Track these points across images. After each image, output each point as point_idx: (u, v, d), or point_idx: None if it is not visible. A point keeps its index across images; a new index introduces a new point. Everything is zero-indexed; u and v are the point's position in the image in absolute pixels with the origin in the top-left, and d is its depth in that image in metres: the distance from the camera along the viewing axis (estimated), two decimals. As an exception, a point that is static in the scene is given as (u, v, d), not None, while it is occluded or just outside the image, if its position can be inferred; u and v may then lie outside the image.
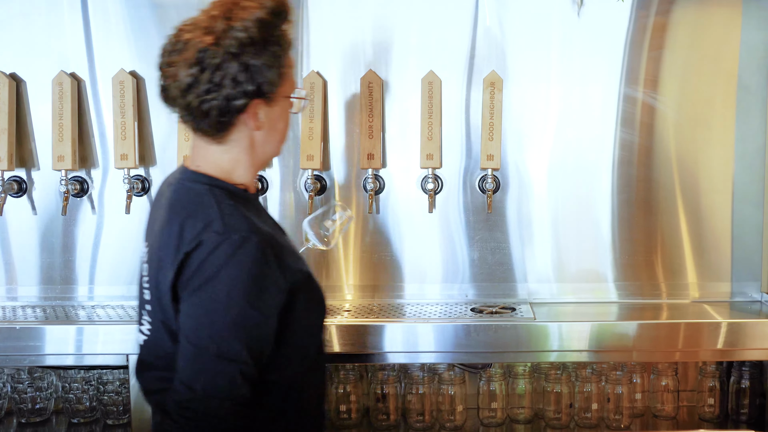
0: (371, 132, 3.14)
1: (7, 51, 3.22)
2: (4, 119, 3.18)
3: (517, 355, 2.94)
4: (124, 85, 3.18)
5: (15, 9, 3.21)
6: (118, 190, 3.22)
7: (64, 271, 3.27)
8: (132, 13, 3.19)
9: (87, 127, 3.23)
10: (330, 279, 3.27)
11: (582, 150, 3.21)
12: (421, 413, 3.06)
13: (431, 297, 3.24)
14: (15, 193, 3.23)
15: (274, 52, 1.93)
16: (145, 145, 3.23)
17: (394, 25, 3.18)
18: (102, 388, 3.12)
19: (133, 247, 3.23)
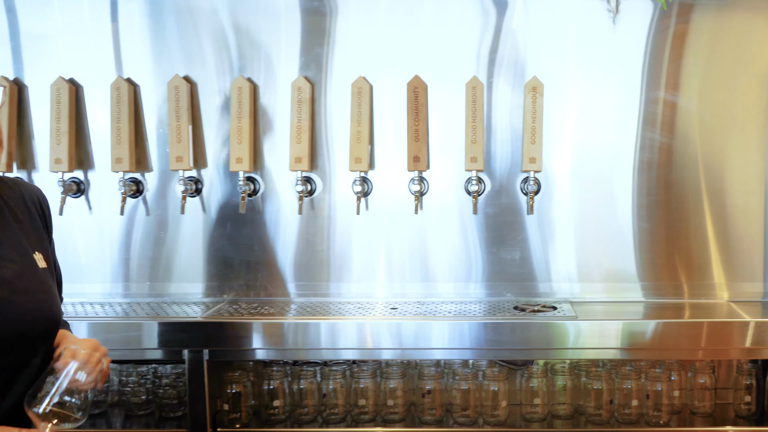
0: (417, 135, 3.25)
1: (66, 57, 3.34)
2: (65, 123, 3.30)
3: (559, 352, 3.05)
4: (179, 89, 3.30)
5: (74, 17, 3.34)
6: (172, 191, 3.36)
7: (120, 269, 3.40)
8: (185, 20, 3.32)
9: (143, 131, 3.36)
10: (374, 277, 3.40)
11: (607, 151, 3.33)
12: (465, 408, 3.16)
13: (474, 295, 3.37)
14: (74, 193, 3.35)
15: None
16: (199, 147, 3.35)
17: (434, 31, 3.29)
18: (157, 381, 3.23)
19: (187, 244, 3.38)
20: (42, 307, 2.07)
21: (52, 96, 3.30)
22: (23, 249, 2.08)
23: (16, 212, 2.12)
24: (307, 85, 3.28)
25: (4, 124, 3.27)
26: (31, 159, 3.36)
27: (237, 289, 3.39)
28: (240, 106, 3.29)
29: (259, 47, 3.31)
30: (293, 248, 3.39)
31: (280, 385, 3.19)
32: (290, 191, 3.34)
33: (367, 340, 3.02)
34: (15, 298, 2.00)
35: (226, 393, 3.16)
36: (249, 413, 3.18)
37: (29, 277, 2.06)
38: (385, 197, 3.35)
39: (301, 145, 3.28)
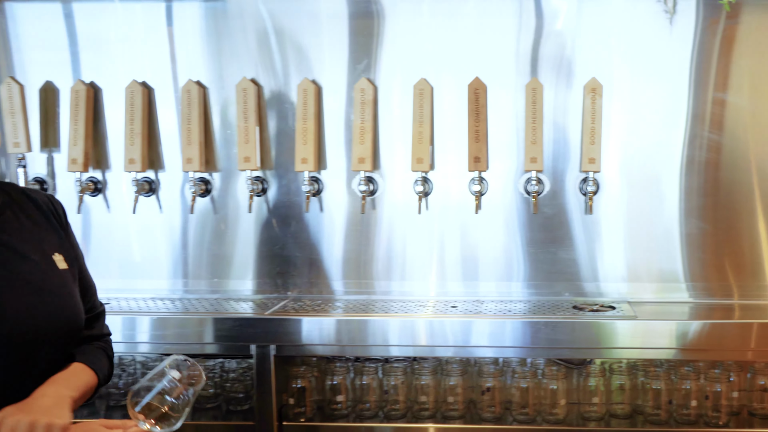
0: (478, 136, 3.30)
1: (139, 62, 3.47)
2: (138, 124, 3.43)
3: (618, 352, 3.08)
4: (247, 92, 3.39)
5: (144, 22, 3.46)
6: (241, 191, 3.46)
7: (188, 266, 3.53)
8: (252, 24, 3.42)
9: (211, 132, 3.47)
10: (433, 275, 3.47)
11: (656, 151, 3.35)
12: (524, 406, 3.20)
13: (527, 294, 3.43)
14: (146, 192, 3.48)
15: None
16: (265, 148, 3.44)
17: (492, 34, 3.35)
18: (225, 376, 3.34)
19: (251, 242, 3.48)
20: (61, 307, 2.08)
21: (126, 99, 3.43)
22: (42, 250, 2.10)
23: (31, 215, 2.14)
24: (370, 87, 3.35)
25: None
26: (105, 159, 3.50)
27: (300, 287, 3.49)
28: (305, 108, 3.38)
29: (310, 50, 3.41)
30: (354, 247, 3.47)
31: (343, 380, 3.26)
32: (353, 191, 3.43)
33: (428, 338, 3.08)
34: (34, 299, 2.01)
35: (291, 387, 3.24)
36: (313, 408, 3.27)
37: (49, 277, 2.07)
38: (442, 197, 3.41)
39: (364, 145, 3.36)
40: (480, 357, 3.20)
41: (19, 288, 1.99)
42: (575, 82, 3.32)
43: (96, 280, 3.08)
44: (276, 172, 3.46)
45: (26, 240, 2.06)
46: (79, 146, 3.43)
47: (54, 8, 3.46)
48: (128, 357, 3.33)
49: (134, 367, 3.35)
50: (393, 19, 3.37)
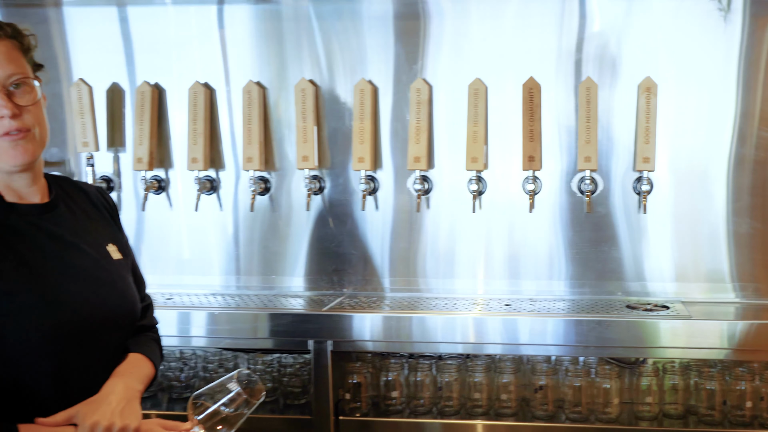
0: (532, 135, 3.31)
1: (200, 63, 3.57)
2: (201, 124, 3.53)
3: (673, 351, 3.07)
4: (305, 92, 3.46)
5: (197, 25, 3.56)
6: (297, 189, 3.54)
7: (245, 263, 3.61)
8: (303, 26, 3.49)
9: (270, 131, 3.55)
10: (488, 274, 3.50)
11: (704, 150, 3.33)
12: (577, 405, 3.21)
13: (576, 293, 3.45)
14: (207, 191, 3.58)
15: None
16: (322, 147, 3.51)
17: (535, 34, 3.37)
18: (282, 370, 3.41)
19: (309, 240, 3.55)
20: (118, 296, 2.15)
21: (189, 99, 3.53)
22: (96, 241, 2.16)
23: (84, 207, 2.21)
24: (425, 87, 3.39)
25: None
26: (168, 158, 3.61)
27: (355, 284, 3.55)
28: (362, 108, 3.43)
29: (360, 51, 3.48)
30: (409, 245, 3.52)
31: (397, 376, 3.31)
32: (408, 189, 3.48)
33: (481, 335, 3.12)
34: (92, 289, 2.07)
35: (347, 383, 3.30)
36: (368, 403, 3.32)
37: (105, 268, 2.14)
38: (493, 195, 3.44)
39: (420, 145, 3.40)
40: (532, 355, 3.22)
41: (76, 279, 2.06)
42: (620, 81, 3.32)
43: (156, 275, 3.21)
44: (332, 170, 3.53)
45: (80, 232, 2.14)
46: (144, 146, 3.54)
47: (110, 12, 3.58)
48: (189, 351, 3.42)
49: (195, 361, 3.45)
50: (439, 20, 3.41)
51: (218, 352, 3.42)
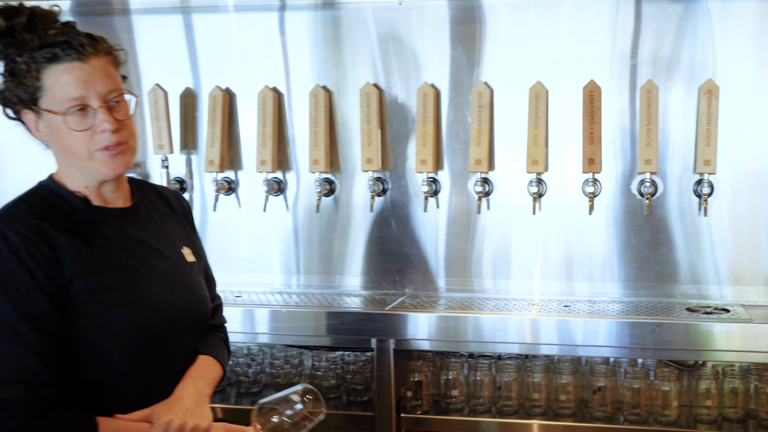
0: (592, 138, 3.32)
1: (262, 68, 3.68)
2: (269, 127, 3.63)
3: (733, 355, 3.05)
4: (370, 96, 3.54)
5: (259, 31, 3.67)
6: (361, 191, 3.62)
7: (311, 262, 3.71)
8: (370, 32, 3.57)
9: (336, 135, 3.64)
10: (546, 275, 3.53)
11: (762, 150, 3.29)
12: (635, 407, 3.21)
13: (632, 295, 3.45)
14: (275, 192, 3.69)
15: (9, 65, 2.02)
16: (385, 150, 3.59)
17: (601, 36, 3.38)
18: (346, 367, 3.49)
19: (371, 241, 3.63)
20: (194, 298, 2.24)
21: (258, 103, 3.64)
22: (173, 244, 2.24)
23: (162, 211, 2.30)
24: (487, 90, 3.44)
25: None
26: (238, 161, 3.73)
27: (416, 284, 3.62)
28: (425, 111, 3.49)
29: (417, 55, 3.55)
30: (467, 245, 3.57)
31: (457, 375, 3.36)
32: (469, 191, 3.53)
33: (540, 336, 3.15)
34: (169, 291, 2.15)
35: (408, 381, 3.36)
36: (429, 401, 3.38)
37: (181, 270, 2.22)
38: (550, 197, 3.47)
39: (481, 147, 3.44)
40: (590, 356, 3.24)
41: (157, 281, 2.14)
42: (674, 83, 3.31)
43: (226, 274, 3.33)
44: (394, 172, 3.60)
45: (159, 235, 2.22)
46: (216, 148, 3.66)
47: (175, 20, 3.72)
48: (256, 347, 3.54)
49: (262, 357, 3.55)
50: (494, 24, 3.46)
51: (284, 349, 3.52)
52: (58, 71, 1.98)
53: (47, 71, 1.98)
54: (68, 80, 1.98)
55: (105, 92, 2.02)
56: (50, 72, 1.98)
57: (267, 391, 3.53)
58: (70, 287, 1.99)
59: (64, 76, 1.98)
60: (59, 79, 1.98)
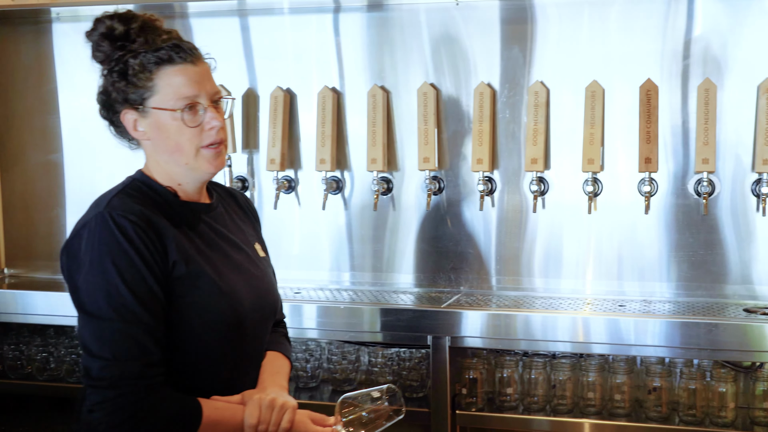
0: (649, 137, 3.31)
1: (324, 68, 3.74)
2: (328, 127, 3.70)
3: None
4: (427, 96, 3.58)
5: (325, 33, 3.72)
6: (416, 189, 3.66)
7: (367, 260, 3.76)
8: (421, 33, 3.61)
9: (393, 134, 3.68)
10: (588, 273, 3.54)
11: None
12: (691, 408, 3.19)
13: (685, 295, 3.44)
14: (333, 190, 3.75)
15: (118, 66, 2.12)
16: (442, 149, 3.62)
17: (652, 35, 3.38)
18: (402, 364, 3.54)
19: (427, 239, 3.66)
20: (269, 290, 2.36)
21: (318, 103, 3.71)
22: (247, 241, 2.36)
23: (234, 209, 2.41)
24: (543, 90, 3.45)
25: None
26: (298, 160, 3.80)
27: (471, 282, 3.65)
28: (481, 110, 3.52)
29: (471, 55, 3.59)
30: (524, 244, 3.59)
31: (512, 373, 3.37)
32: (523, 190, 3.55)
33: (595, 335, 3.15)
34: (250, 282, 2.26)
35: (463, 378, 3.39)
36: (484, 398, 3.40)
37: (256, 264, 2.34)
38: (603, 197, 3.47)
39: (537, 147, 3.46)
40: (645, 356, 3.22)
41: (239, 273, 2.25)
42: (727, 81, 3.29)
43: (287, 270, 3.41)
44: (449, 171, 3.63)
45: (235, 231, 2.34)
46: (277, 147, 3.74)
47: (232, 22, 3.82)
48: (313, 343, 3.60)
49: (320, 352, 3.61)
50: (545, 24, 3.48)
51: (341, 345, 3.57)
52: (171, 72, 2.11)
53: (160, 72, 2.10)
54: (181, 80, 2.11)
55: (212, 92, 2.16)
56: (163, 73, 2.10)
57: (324, 386, 3.60)
58: (173, 272, 2.10)
59: (177, 77, 2.11)
60: (172, 80, 2.11)
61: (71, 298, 2.08)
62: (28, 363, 3.85)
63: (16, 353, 3.85)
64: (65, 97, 4.06)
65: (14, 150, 4.15)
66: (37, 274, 4.14)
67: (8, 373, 3.84)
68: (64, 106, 4.07)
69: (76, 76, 4.01)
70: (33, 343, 3.87)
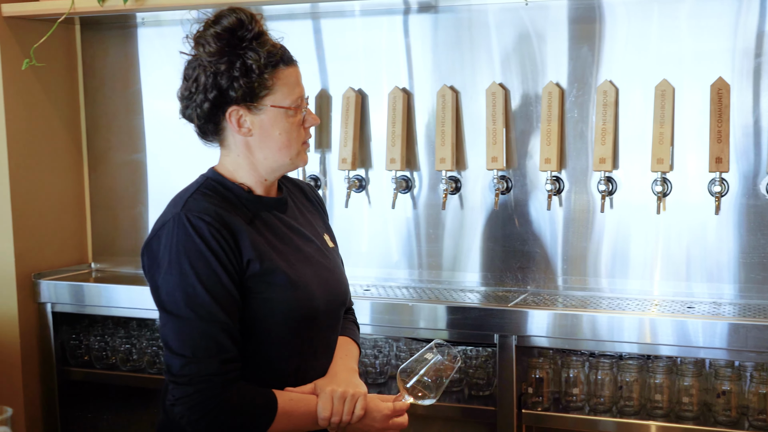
0: (720, 136, 3.25)
1: (393, 68, 3.79)
2: (399, 127, 3.74)
3: None
4: (495, 95, 3.59)
5: (395, 34, 3.76)
6: (483, 189, 3.68)
7: (438, 258, 3.79)
8: (489, 33, 3.62)
9: (462, 133, 3.71)
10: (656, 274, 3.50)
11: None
12: (761, 412, 3.13)
13: (760, 298, 3.36)
14: (403, 189, 3.79)
15: (238, 62, 2.15)
16: (510, 149, 3.63)
17: (723, 32, 3.32)
18: (468, 362, 3.56)
19: (494, 238, 3.68)
20: (339, 281, 2.40)
21: (388, 103, 3.75)
22: (316, 231, 2.41)
23: (302, 201, 2.47)
24: (612, 89, 3.42)
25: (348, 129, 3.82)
26: (368, 159, 3.85)
27: (538, 281, 3.64)
28: (549, 110, 3.51)
29: (541, 55, 3.57)
30: (591, 244, 3.57)
31: (578, 374, 3.36)
32: (590, 190, 3.53)
33: (662, 337, 3.12)
34: (319, 273, 2.31)
35: (530, 377, 3.40)
36: (550, 398, 3.40)
37: (326, 255, 2.38)
38: (672, 196, 3.43)
39: (606, 146, 3.43)
40: (714, 359, 3.17)
41: (309, 265, 2.30)
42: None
43: (356, 268, 3.49)
44: (518, 171, 3.63)
45: (304, 223, 2.40)
46: (349, 147, 3.80)
47: (305, 24, 3.89)
48: (382, 340, 3.65)
49: (388, 349, 3.67)
50: (614, 23, 3.45)
51: (409, 342, 3.62)
52: (286, 72, 2.21)
53: (278, 72, 2.19)
54: (294, 81, 2.22)
55: (305, 95, 2.28)
56: (280, 73, 2.19)
57: (392, 382, 3.62)
58: (247, 270, 2.16)
59: (291, 77, 2.22)
60: (288, 80, 2.21)
61: (152, 297, 2.16)
62: (112, 354, 4.01)
63: (101, 344, 4.02)
64: (148, 99, 4.21)
65: (101, 150, 4.32)
66: (121, 269, 4.30)
67: (94, 363, 4.01)
68: (147, 107, 4.22)
69: (158, 78, 4.15)
70: (117, 334, 4.03)
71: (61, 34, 4.13)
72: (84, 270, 4.28)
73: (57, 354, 4.03)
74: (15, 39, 3.93)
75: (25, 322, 4.00)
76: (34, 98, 4.07)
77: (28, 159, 4.04)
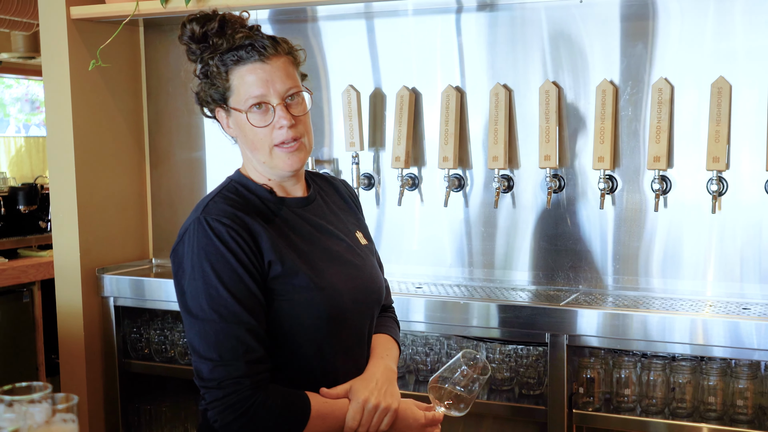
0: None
1: (446, 67, 3.79)
2: (452, 125, 3.75)
3: None
4: (549, 94, 3.57)
5: (448, 33, 3.77)
6: (535, 187, 3.67)
7: (488, 257, 3.78)
8: (542, 31, 3.60)
9: (514, 132, 3.70)
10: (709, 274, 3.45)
11: None
12: (818, 416, 3.07)
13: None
14: (455, 188, 3.80)
15: (204, 66, 2.18)
16: (562, 147, 3.60)
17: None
18: (519, 361, 3.55)
19: (546, 237, 3.66)
20: (370, 279, 2.36)
21: (441, 102, 3.76)
22: (347, 228, 2.39)
23: (334, 199, 2.46)
24: (668, 87, 3.38)
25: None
26: (421, 157, 3.87)
27: (590, 281, 3.61)
28: (603, 108, 3.48)
29: (593, 52, 3.55)
30: (643, 243, 3.52)
31: (630, 374, 3.33)
32: (642, 189, 3.49)
33: (716, 338, 3.07)
34: (349, 272, 2.29)
35: (580, 377, 3.37)
36: (601, 398, 3.37)
37: (357, 253, 2.35)
38: (742, 195, 3.36)
39: (660, 144, 3.39)
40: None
41: (336, 264, 2.29)
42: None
43: (407, 266, 3.48)
44: (570, 169, 3.61)
45: (334, 221, 2.38)
46: (402, 145, 3.82)
47: (359, 24, 3.91)
48: (433, 337, 3.66)
49: (439, 347, 3.67)
50: (667, 19, 3.40)
51: (460, 340, 3.62)
52: (243, 72, 2.16)
53: (234, 72, 2.16)
54: (251, 80, 2.15)
55: (283, 90, 2.18)
56: (236, 73, 2.16)
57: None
58: (269, 272, 2.15)
59: (248, 77, 2.16)
60: (244, 80, 2.16)
61: (178, 302, 2.16)
62: (171, 347, 4.10)
63: (161, 338, 4.11)
64: (208, 98, 4.29)
65: (162, 148, 4.42)
66: (180, 265, 4.38)
67: (154, 356, 4.10)
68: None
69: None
70: (176, 328, 4.11)
71: (126, 35, 4.23)
72: (145, 265, 4.38)
73: (119, 346, 4.13)
74: (82, 41, 4.04)
75: (89, 315, 4.11)
76: (100, 98, 4.18)
77: (94, 157, 4.15)
